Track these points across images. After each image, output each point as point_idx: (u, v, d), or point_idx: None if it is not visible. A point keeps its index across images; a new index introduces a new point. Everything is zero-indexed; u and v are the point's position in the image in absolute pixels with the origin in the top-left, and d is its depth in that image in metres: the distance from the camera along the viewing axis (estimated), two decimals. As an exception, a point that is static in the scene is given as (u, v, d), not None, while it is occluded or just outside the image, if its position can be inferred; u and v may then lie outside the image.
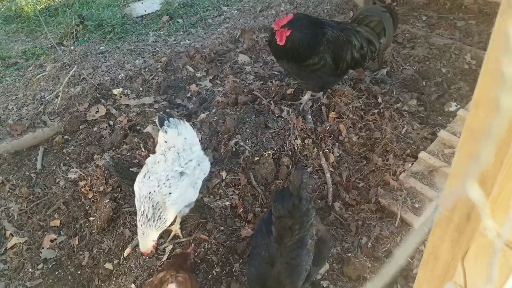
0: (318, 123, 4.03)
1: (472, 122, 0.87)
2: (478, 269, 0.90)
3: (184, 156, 2.96)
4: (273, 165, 3.65)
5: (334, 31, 3.70)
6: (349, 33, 3.76)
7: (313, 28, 3.64)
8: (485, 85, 0.83)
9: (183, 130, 3.05)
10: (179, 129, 3.03)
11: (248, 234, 3.27)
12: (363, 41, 3.77)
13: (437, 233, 1.04)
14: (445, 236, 1.02)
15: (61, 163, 4.09)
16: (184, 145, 3.00)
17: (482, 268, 0.89)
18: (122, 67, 5.28)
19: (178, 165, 2.91)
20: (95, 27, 6.19)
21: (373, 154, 3.69)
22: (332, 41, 3.69)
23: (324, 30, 3.68)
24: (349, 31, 3.77)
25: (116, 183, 3.71)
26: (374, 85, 4.38)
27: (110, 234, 3.41)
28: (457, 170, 0.93)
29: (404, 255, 0.61)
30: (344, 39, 3.73)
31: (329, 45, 3.68)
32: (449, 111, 4.15)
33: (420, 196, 3.34)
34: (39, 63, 5.55)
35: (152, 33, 6.09)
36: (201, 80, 4.87)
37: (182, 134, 3.03)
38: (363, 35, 3.78)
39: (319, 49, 3.65)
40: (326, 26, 3.73)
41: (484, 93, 0.83)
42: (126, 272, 3.17)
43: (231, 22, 6.22)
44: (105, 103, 4.60)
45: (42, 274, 3.28)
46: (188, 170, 2.94)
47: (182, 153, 2.96)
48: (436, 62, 4.74)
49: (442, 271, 1.07)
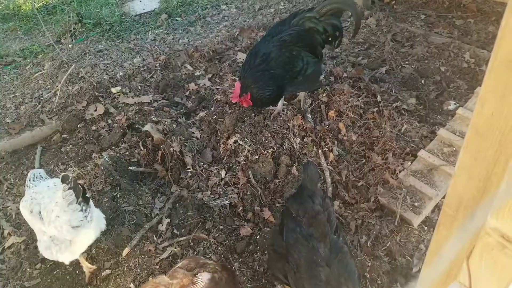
0: (317, 122, 4.03)
1: (477, 120, 0.87)
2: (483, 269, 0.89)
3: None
4: (273, 163, 3.65)
5: (291, 32, 3.74)
6: (305, 23, 3.78)
7: (267, 62, 3.67)
8: (491, 83, 0.82)
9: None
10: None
11: (248, 233, 3.26)
12: (323, 25, 3.80)
13: (441, 232, 1.03)
14: (449, 235, 1.02)
15: (59, 162, 4.07)
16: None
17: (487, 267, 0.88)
18: (121, 65, 5.26)
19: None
20: (93, 25, 6.16)
21: (372, 153, 3.68)
22: (296, 39, 3.72)
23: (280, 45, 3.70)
24: (305, 20, 3.79)
25: (114, 181, 3.69)
26: (373, 83, 4.38)
27: (109, 234, 3.39)
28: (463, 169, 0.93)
29: None
30: (304, 31, 3.77)
31: (298, 44, 3.72)
32: (448, 110, 4.15)
33: (420, 194, 3.33)
34: (37, 61, 5.52)
35: (150, 31, 6.07)
36: (200, 79, 4.86)
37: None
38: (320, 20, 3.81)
39: (294, 59, 3.72)
40: (277, 36, 3.75)
41: (490, 91, 0.83)
42: (125, 271, 3.16)
43: (230, 21, 6.21)
44: (103, 102, 4.58)
45: (40, 274, 3.26)
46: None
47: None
48: (435, 60, 4.74)
49: (446, 269, 1.07)
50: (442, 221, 1.01)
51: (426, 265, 1.18)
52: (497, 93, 0.81)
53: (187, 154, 3.77)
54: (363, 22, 5.64)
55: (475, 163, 0.90)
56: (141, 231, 3.33)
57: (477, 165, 0.89)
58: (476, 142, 0.88)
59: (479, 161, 0.89)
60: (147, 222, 3.41)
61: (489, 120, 0.85)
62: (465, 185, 0.94)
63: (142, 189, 3.66)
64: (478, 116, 0.86)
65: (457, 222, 0.99)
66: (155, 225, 3.40)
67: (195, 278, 2.50)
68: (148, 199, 3.58)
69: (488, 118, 0.85)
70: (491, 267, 0.86)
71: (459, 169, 0.95)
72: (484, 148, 0.86)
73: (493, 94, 0.82)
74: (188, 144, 3.86)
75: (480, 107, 0.84)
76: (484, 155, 0.87)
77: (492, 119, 0.84)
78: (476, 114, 0.85)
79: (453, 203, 0.98)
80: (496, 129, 0.84)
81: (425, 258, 1.15)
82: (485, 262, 0.88)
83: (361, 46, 5.20)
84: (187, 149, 3.82)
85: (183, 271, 2.55)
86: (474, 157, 0.90)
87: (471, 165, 0.91)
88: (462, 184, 0.95)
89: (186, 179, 3.66)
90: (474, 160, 0.90)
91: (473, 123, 0.88)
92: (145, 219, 3.45)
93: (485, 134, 0.85)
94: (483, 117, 0.84)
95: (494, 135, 0.84)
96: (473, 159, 0.90)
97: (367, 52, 5.05)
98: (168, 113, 4.36)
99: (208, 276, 2.52)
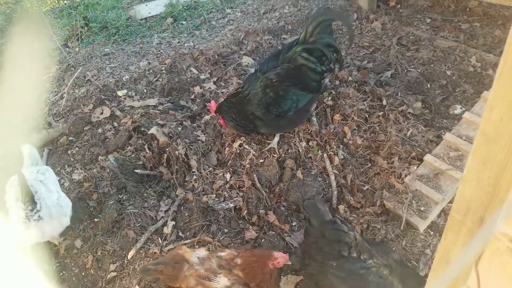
0: (322, 125, 4.02)
1: (486, 125, 0.87)
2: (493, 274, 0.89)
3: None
4: (277, 167, 3.65)
5: (279, 71, 3.50)
6: (297, 58, 3.50)
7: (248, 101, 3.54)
8: (500, 88, 0.82)
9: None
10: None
11: (252, 237, 3.26)
12: (318, 52, 3.51)
13: (449, 237, 1.03)
14: (457, 240, 1.01)
15: (66, 164, 4.09)
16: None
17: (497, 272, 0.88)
18: (127, 68, 5.29)
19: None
20: (99, 29, 6.21)
21: (378, 157, 3.68)
22: (283, 78, 3.50)
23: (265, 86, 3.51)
24: (297, 56, 3.51)
25: (120, 184, 3.71)
26: (378, 87, 4.37)
27: (115, 236, 3.40)
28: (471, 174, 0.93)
29: None
30: (294, 68, 3.52)
31: (285, 84, 3.51)
32: (454, 114, 4.14)
33: (426, 199, 3.32)
34: (44, 64, 5.56)
35: (156, 35, 6.10)
36: (205, 82, 4.87)
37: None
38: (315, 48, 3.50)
39: (280, 99, 3.52)
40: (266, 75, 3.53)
41: (499, 96, 0.82)
42: (130, 274, 3.16)
43: (235, 24, 6.23)
44: (109, 105, 4.60)
45: (46, 275, 3.27)
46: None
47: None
48: (441, 64, 4.73)
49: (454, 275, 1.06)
50: (450, 226, 1.01)
51: (433, 271, 1.18)
52: (506, 98, 0.81)
53: (192, 157, 3.78)
54: (368, 26, 5.64)
55: (484, 168, 0.90)
56: (146, 234, 3.34)
57: (486, 170, 0.89)
58: (485, 147, 0.88)
59: (488, 166, 0.89)
60: (152, 224, 3.42)
61: (498, 125, 0.85)
62: (474, 190, 0.94)
63: (148, 191, 3.67)
64: (487, 121, 0.85)
65: (465, 227, 0.99)
66: (160, 228, 3.41)
67: (213, 277, 2.52)
68: (154, 202, 3.59)
69: (497, 123, 0.85)
70: (501, 272, 0.86)
71: (467, 174, 0.94)
72: (493, 153, 0.86)
73: (502, 99, 0.82)
74: (193, 147, 3.87)
75: (489, 112, 0.84)
76: (493, 160, 0.87)
77: (501, 124, 0.84)
78: (485, 119, 0.85)
79: (461, 208, 0.98)
80: (505, 134, 0.84)
81: (433, 264, 1.14)
82: (494, 267, 0.87)
83: (366, 50, 5.20)
84: (192, 152, 3.83)
85: (213, 263, 2.60)
86: (483, 162, 0.90)
87: (480, 170, 0.91)
88: (470, 189, 0.94)
89: (191, 182, 3.67)
90: (483, 165, 0.90)
91: (482, 128, 0.88)
92: (150, 221, 3.46)
93: (494, 139, 0.85)
94: (492, 122, 0.84)
95: (503, 140, 0.84)
96: (482, 164, 0.90)
97: (372, 56, 5.05)
98: (174, 116, 4.38)
99: (225, 284, 2.52)
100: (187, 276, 2.57)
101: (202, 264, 2.61)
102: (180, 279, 2.57)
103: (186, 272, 2.57)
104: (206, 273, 2.55)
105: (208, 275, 2.55)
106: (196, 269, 2.58)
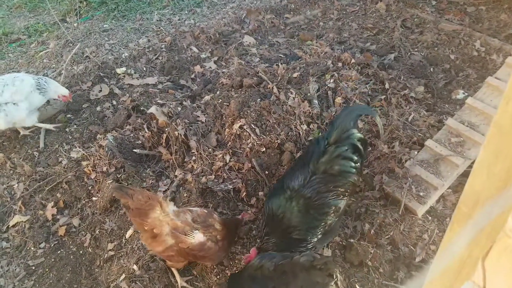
0: (324, 108, 3.98)
1: (500, 118, 0.83)
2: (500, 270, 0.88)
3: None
4: (277, 150, 3.62)
5: (315, 184, 2.83)
6: (333, 166, 2.86)
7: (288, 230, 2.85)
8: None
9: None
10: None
11: (251, 218, 3.26)
12: (351, 149, 2.89)
13: (454, 230, 1.01)
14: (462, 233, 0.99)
15: (64, 142, 4.06)
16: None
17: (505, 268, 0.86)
18: (126, 46, 5.20)
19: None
20: (98, 4, 6.08)
21: (378, 141, 3.65)
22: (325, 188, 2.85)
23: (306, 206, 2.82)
24: (333, 162, 2.85)
25: (119, 163, 3.68)
26: (381, 70, 4.31)
27: (113, 215, 3.40)
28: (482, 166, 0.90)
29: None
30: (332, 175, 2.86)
31: (326, 195, 2.83)
32: (457, 99, 4.10)
33: (425, 184, 3.31)
34: (42, 39, 5.47)
35: (156, 11, 5.98)
36: (206, 61, 4.80)
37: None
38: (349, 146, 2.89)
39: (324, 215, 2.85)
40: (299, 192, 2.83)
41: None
42: (128, 253, 3.17)
43: (237, 2, 6.11)
44: (108, 82, 4.54)
45: (44, 253, 3.28)
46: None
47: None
48: (445, 48, 4.66)
49: (457, 267, 1.05)
50: (456, 219, 0.99)
51: (436, 260, 1.16)
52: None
53: (191, 138, 3.74)
54: (372, 6, 5.54)
55: (496, 161, 0.87)
56: (144, 214, 3.33)
57: (498, 164, 0.87)
58: (498, 140, 0.85)
59: (500, 160, 0.86)
60: (151, 205, 3.41)
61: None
62: (484, 183, 0.91)
63: (146, 171, 3.65)
64: (502, 114, 0.82)
65: (472, 220, 0.97)
66: (159, 208, 3.39)
67: (189, 232, 2.62)
68: (152, 182, 3.57)
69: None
70: (509, 268, 0.84)
71: (478, 166, 0.92)
72: (507, 146, 0.83)
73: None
74: (192, 128, 3.83)
75: (505, 105, 0.81)
76: (506, 153, 0.84)
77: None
78: (501, 111, 0.82)
79: (469, 201, 0.96)
80: (521, 127, 0.81)
81: (436, 254, 1.13)
82: (503, 264, 0.86)
83: (369, 32, 5.11)
84: (191, 132, 3.79)
85: (188, 217, 2.68)
86: (495, 155, 0.87)
87: (491, 163, 0.88)
88: (480, 182, 0.92)
89: (190, 163, 3.65)
90: (495, 158, 0.87)
91: (496, 120, 0.84)
92: (149, 201, 3.45)
93: (508, 132, 0.82)
94: (508, 115, 0.81)
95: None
96: (494, 157, 0.87)
97: (375, 38, 4.97)
98: (173, 95, 4.33)
99: (201, 239, 2.64)
100: (162, 221, 2.57)
101: (178, 216, 2.65)
102: (150, 219, 2.54)
103: (160, 217, 2.57)
104: (182, 226, 2.60)
105: (185, 228, 2.60)
106: (172, 218, 2.61)
